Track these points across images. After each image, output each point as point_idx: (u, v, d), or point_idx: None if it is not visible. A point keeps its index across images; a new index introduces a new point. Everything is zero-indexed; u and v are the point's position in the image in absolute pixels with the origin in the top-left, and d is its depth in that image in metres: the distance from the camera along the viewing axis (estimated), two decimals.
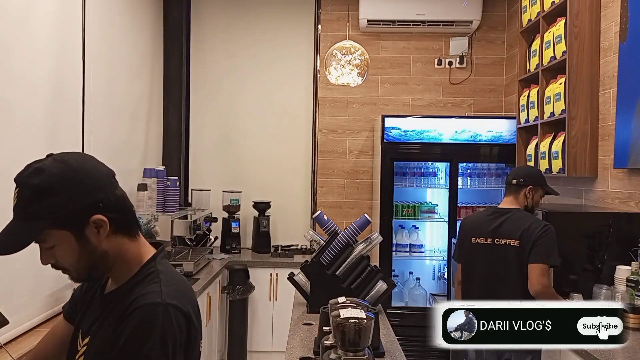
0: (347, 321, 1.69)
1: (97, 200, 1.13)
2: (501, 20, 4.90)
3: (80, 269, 1.17)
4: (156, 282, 1.16)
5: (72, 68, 2.87)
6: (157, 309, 1.11)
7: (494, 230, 2.71)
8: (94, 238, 1.14)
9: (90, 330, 1.21)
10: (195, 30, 4.85)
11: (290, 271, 2.83)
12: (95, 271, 1.20)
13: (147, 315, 1.10)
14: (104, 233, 1.15)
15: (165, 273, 1.20)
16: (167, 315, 1.11)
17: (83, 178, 1.13)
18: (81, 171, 1.14)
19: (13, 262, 2.27)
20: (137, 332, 1.09)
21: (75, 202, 1.11)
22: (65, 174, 1.12)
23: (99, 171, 1.18)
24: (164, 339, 1.09)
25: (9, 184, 1.18)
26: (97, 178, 1.16)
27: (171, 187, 3.97)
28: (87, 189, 1.13)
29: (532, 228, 2.60)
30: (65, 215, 1.11)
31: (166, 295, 1.13)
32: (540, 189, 2.80)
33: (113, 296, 1.21)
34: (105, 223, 1.14)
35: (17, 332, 2.30)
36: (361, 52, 3.54)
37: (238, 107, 4.95)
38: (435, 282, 4.65)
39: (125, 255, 1.20)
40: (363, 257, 2.67)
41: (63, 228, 1.12)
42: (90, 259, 1.16)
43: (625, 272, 2.53)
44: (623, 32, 2.93)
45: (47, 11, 2.60)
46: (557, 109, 3.30)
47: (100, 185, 1.15)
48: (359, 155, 4.94)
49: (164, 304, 1.11)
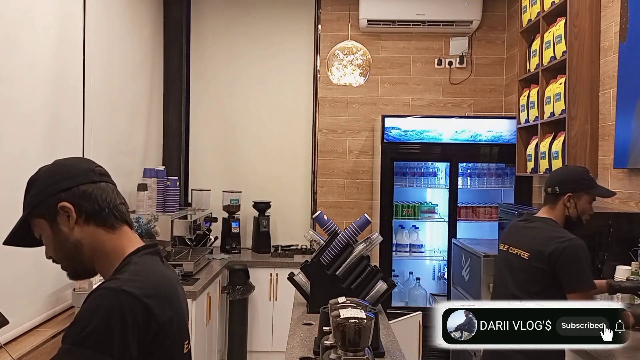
0: (347, 321, 1.69)
1: (64, 188, 1.19)
2: (501, 20, 4.90)
3: (62, 260, 1.22)
4: (124, 272, 1.14)
5: (72, 68, 2.87)
6: (108, 294, 1.08)
7: (513, 238, 2.46)
8: (64, 226, 1.19)
9: None
10: (195, 30, 4.85)
11: (290, 271, 2.83)
12: (75, 262, 1.21)
13: (97, 299, 1.08)
14: (72, 221, 1.19)
15: (141, 265, 1.17)
16: (117, 300, 1.07)
17: (56, 170, 1.22)
18: (59, 165, 1.24)
19: (13, 262, 2.28)
20: (83, 314, 1.07)
21: (45, 189, 1.20)
22: (47, 168, 1.23)
23: (76, 165, 1.25)
24: (108, 324, 1.04)
25: (10, 183, 1.20)
26: (70, 170, 1.23)
27: (171, 187, 3.97)
28: (57, 178, 1.20)
29: (549, 244, 2.24)
30: (38, 202, 1.19)
31: (124, 283, 1.10)
32: (586, 194, 2.35)
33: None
34: (70, 210, 1.18)
35: (17, 332, 2.30)
36: (363, 52, 3.54)
37: (238, 106, 4.95)
38: (435, 282, 4.65)
39: (102, 247, 1.20)
40: (363, 257, 2.67)
41: (39, 216, 1.20)
42: (64, 248, 1.20)
43: (625, 272, 2.53)
44: (623, 32, 2.93)
45: (47, 11, 2.60)
46: (557, 109, 3.31)
47: (70, 176, 1.21)
48: (359, 155, 4.94)
49: (118, 290, 1.08)
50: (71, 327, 1.08)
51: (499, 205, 3.64)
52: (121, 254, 1.20)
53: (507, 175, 4.43)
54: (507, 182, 4.43)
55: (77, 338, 1.04)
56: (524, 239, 2.38)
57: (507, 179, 4.43)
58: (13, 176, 2.22)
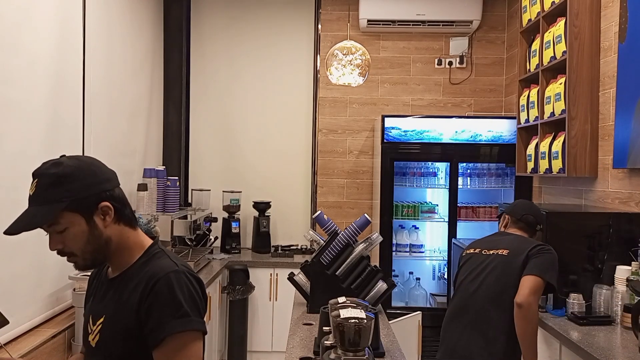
0: (347, 321, 1.69)
1: (106, 189, 1.32)
2: (501, 20, 4.91)
3: (87, 253, 1.31)
4: (166, 257, 1.36)
5: (72, 68, 2.87)
6: (179, 274, 1.29)
7: (487, 244, 2.58)
8: (100, 223, 1.31)
9: (103, 310, 1.35)
10: (195, 30, 4.85)
11: (290, 271, 2.83)
12: (99, 255, 1.33)
13: (173, 280, 1.27)
14: (109, 219, 1.32)
15: (170, 252, 1.40)
16: (188, 279, 1.30)
17: (95, 170, 1.32)
18: (92, 165, 1.34)
19: (13, 262, 2.28)
20: (169, 296, 1.26)
21: (88, 188, 1.28)
22: (80, 166, 1.30)
23: (106, 169, 1.36)
24: (192, 297, 1.28)
25: (10, 182, 1.20)
26: (106, 172, 1.35)
27: (171, 187, 3.97)
28: (98, 179, 1.31)
29: (528, 243, 2.45)
30: (80, 199, 1.27)
31: (181, 265, 1.33)
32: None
33: (123, 277, 1.35)
34: (111, 210, 1.31)
35: (17, 332, 2.30)
36: (362, 52, 3.54)
37: (238, 106, 4.95)
38: (435, 282, 4.65)
39: (127, 242, 1.36)
40: (363, 257, 2.67)
41: (76, 211, 1.27)
42: (96, 243, 1.31)
43: (625, 272, 2.53)
44: (623, 32, 2.93)
45: (47, 11, 2.60)
46: (557, 109, 3.31)
47: (107, 178, 1.34)
48: (359, 155, 4.94)
49: (182, 271, 1.31)
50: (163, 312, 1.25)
51: (499, 205, 3.64)
52: (141, 247, 1.38)
53: (507, 175, 4.43)
54: (507, 182, 4.44)
55: (176, 315, 1.25)
56: (502, 242, 2.53)
57: (507, 179, 4.44)
58: (13, 176, 2.22)
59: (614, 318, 2.54)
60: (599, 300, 2.62)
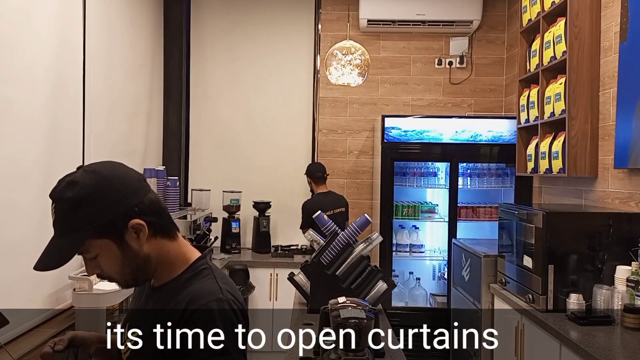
0: (347, 321, 1.69)
1: (132, 205, 1.15)
2: (501, 20, 4.90)
3: (126, 275, 1.19)
4: (211, 278, 1.20)
5: (72, 68, 2.87)
6: (222, 304, 1.15)
7: None
8: (134, 243, 1.16)
9: (139, 324, 1.23)
10: (195, 30, 4.85)
11: (290, 271, 2.83)
12: (141, 274, 1.21)
13: (215, 312, 1.14)
14: (144, 237, 1.16)
15: (217, 271, 1.24)
16: (232, 308, 1.16)
17: (116, 185, 1.14)
18: (113, 179, 1.15)
19: (13, 262, 2.28)
20: (208, 328, 1.12)
21: (111, 209, 1.13)
22: (98, 183, 1.13)
23: (130, 176, 1.18)
24: (234, 332, 1.15)
25: (10, 182, 1.18)
26: (129, 183, 1.16)
27: (171, 187, 3.97)
28: (121, 194, 1.14)
29: None
30: (104, 223, 1.12)
31: (225, 291, 1.17)
32: None
33: (165, 289, 1.22)
34: (143, 227, 1.16)
35: (17, 332, 2.30)
36: (362, 52, 3.54)
37: (238, 106, 4.95)
38: (435, 282, 4.65)
39: (168, 257, 1.22)
40: (363, 257, 2.67)
41: (103, 236, 1.13)
42: (133, 264, 1.17)
43: (625, 272, 2.53)
44: (623, 32, 2.92)
45: (47, 12, 2.60)
46: (557, 109, 3.30)
47: (133, 190, 1.16)
48: (359, 155, 4.94)
49: (227, 299, 1.16)
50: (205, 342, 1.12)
51: (499, 205, 3.63)
52: (185, 259, 1.24)
53: (507, 175, 4.43)
54: (507, 182, 4.43)
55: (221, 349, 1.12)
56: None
57: (507, 179, 4.43)
58: (13, 177, 2.22)
59: (614, 318, 2.53)
60: (599, 300, 2.61)
